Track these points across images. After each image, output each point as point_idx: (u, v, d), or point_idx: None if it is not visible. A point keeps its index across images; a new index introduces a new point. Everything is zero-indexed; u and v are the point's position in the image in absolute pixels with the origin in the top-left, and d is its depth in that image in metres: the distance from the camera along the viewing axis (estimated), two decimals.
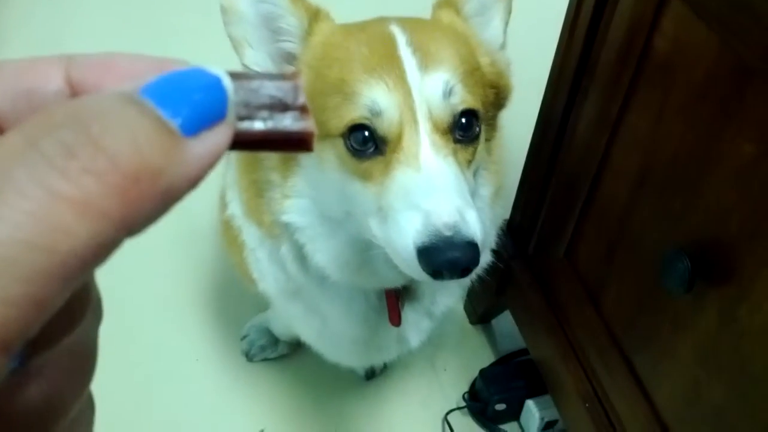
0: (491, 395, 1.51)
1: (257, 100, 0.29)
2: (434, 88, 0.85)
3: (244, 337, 1.66)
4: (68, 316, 0.29)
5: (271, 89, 0.29)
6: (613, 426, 1.21)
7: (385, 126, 0.85)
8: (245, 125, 0.29)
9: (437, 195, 0.81)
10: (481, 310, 1.69)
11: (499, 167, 1.08)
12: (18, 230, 0.22)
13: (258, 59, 0.97)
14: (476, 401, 1.56)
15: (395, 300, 1.11)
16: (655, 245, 1.04)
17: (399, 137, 0.85)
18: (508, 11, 1.01)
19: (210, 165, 0.27)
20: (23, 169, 0.22)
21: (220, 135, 0.27)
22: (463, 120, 0.87)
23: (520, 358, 1.60)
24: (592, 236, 1.22)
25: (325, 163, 0.91)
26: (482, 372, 1.57)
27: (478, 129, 0.90)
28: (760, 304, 0.86)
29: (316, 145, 0.88)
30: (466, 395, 1.58)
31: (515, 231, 1.47)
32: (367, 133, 0.85)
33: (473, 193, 0.90)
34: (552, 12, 1.31)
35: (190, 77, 0.27)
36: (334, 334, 1.21)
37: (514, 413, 1.55)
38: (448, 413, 1.56)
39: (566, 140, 1.22)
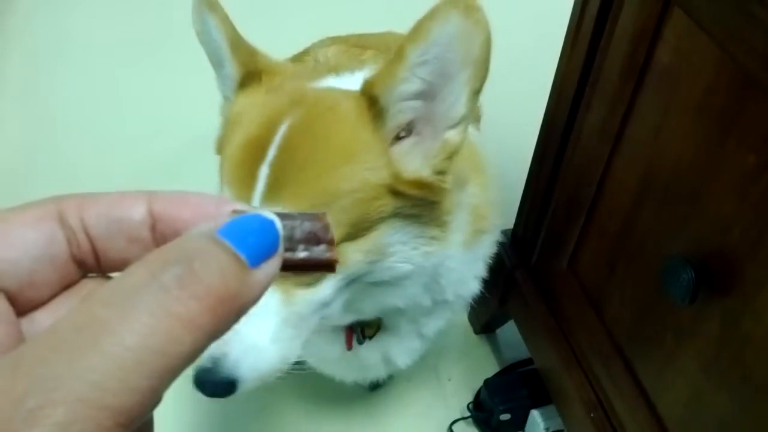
0: (496, 405, 1.51)
1: (298, 235, 0.39)
2: None
3: None
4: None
5: (308, 227, 0.39)
6: None
7: None
8: (290, 255, 0.38)
9: None
10: (484, 319, 1.69)
11: (485, 212, 1.10)
12: (146, 339, 0.30)
13: (219, 84, 1.00)
14: (481, 411, 1.56)
15: (350, 329, 1.15)
16: (658, 255, 1.04)
17: None
18: (479, 78, 0.81)
19: (267, 286, 0.35)
20: (150, 296, 0.30)
21: (274, 264, 0.35)
22: None
23: (525, 368, 1.60)
24: (595, 246, 1.22)
25: None
26: (487, 382, 1.57)
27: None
28: (763, 314, 0.86)
29: None
30: (470, 405, 1.58)
31: (518, 241, 1.47)
32: None
33: (311, 308, 0.89)
34: (554, 23, 1.32)
35: (253, 221, 0.35)
36: (317, 351, 1.23)
37: (518, 423, 1.54)
38: (452, 423, 1.56)
39: (569, 151, 1.23)
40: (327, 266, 0.39)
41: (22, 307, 0.36)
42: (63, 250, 0.37)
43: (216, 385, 0.83)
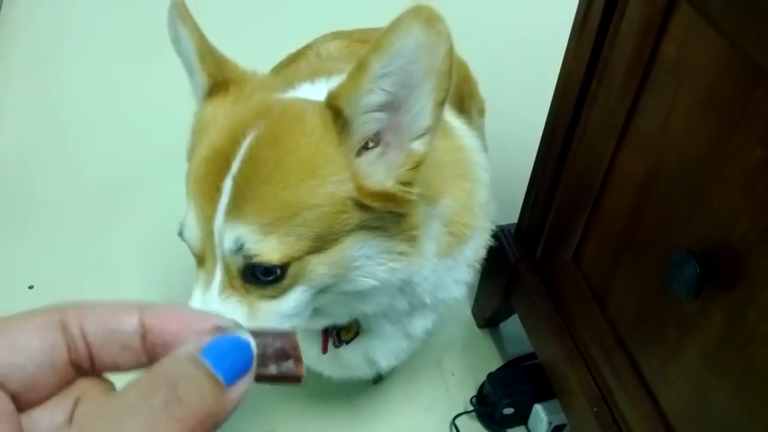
0: (499, 399, 1.51)
1: (270, 352, 0.43)
2: (228, 240, 0.84)
3: None
4: None
5: (279, 344, 0.43)
6: (620, 428, 1.20)
7: (191, 248, 0.90)
8: (261, 369, 0.43)
9: None
10: (488, 314, 1.69)
11: (463, 219, 1.06)
12: None
13: (193, 91, 1.00)
14: (484, 405, 1.56)
15: (325, 332, 1.16)
16: (662, 250, 1.04)
17: (203, 261, 0.89)
18: (443, 90, 0.80)
19: (240, 400, 0.40)
20: (141, 417, 0.35)
21: (247, 381, 0.41)
22: (261, 268, 0.85)
23: (528, 363, 1.60)
24: (600, 240, 1.22)
25: None
26: (490, 376, 1.57)
27: (282, 274, 0.86)
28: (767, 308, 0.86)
29: None
30: (473, 399, 1.58)
31: (523, 235, 1.47)
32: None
33: (277, 320, 0.89)
34: (561, 16, 1.32)
35: (232, 343, 0.41)
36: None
37: (522, 418, 1.54)
38: (455, 417, 1.56)
39: (574, 145, 1.22)
40: (295, 380, 0.44)
41: (23, 406, 0.40)
42: (63, 356, 0.41)
43: None
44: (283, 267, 0.85)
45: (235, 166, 0.83)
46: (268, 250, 0.83)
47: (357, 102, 0.82)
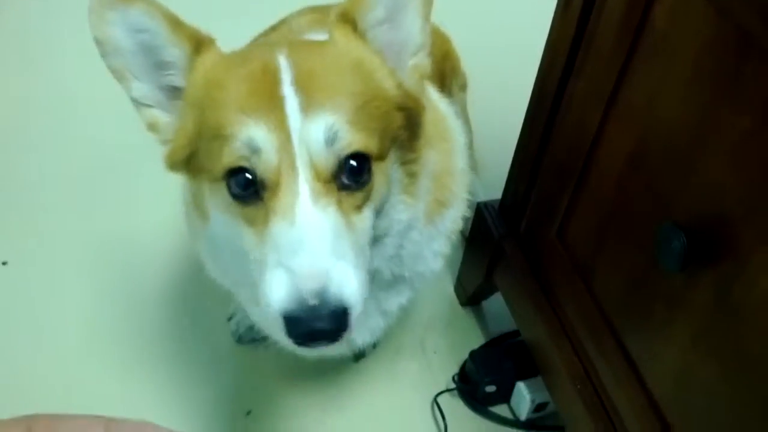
0: (481, 377, 1.50)
1: None
2: (316, 133, 0.80)
3: (231, 317, 1.64)
4: None
5: None
6: (604, 406, 1.19)
7: (263, 168, 0.81)
8: None
9: (307, 254, 0.78)
10: (471, 291, 1.67)
11: (446, 181, 1.08)
12: None
13: (145, 91, 0.92)
14: (466, 383, 1.55)
15: None
16: (649, 223, 1.02)
17: (277, 184, 0.81)
18: (428, 5, 0.91)
19: None
20: None
21: None
22: (353, 163, 0.83)
23: (511, 340, 1.58)
24: (585, 214, 1.20)
25: (216, 207, 0.90)
26: (472, 354, 1.55)
27: (368, 174, 0.85)
28: (755, 280, 0.85)
29: (210, 185, 0.86)
30: (455, 377, 1.57)
31: (507, 210, 1.45)
32: (248, 176, 0.82)
33: (365, 238, 0.87)
34: None
35: None
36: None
37: (504, 395, 1.53)
38: (437, 395, 1.54)
39: (560, 117, 1.20)
40: None
41: None
42: None
43: (331, 319, 0.77)
44: (370, 164, 0.85)
45: (286, 74, 0.83)
46: (359, 137, 0.82)
47: (366, 15, 0.90)
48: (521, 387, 1.49)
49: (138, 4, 0.85)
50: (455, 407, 1.55)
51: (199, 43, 0.90)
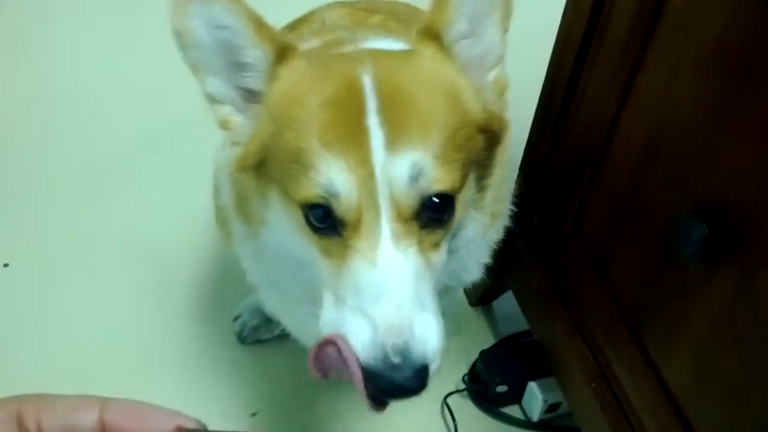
0: (492, 377, 1.47)
1: None
2: (400, 171, 0.76)
3: (237, 317, 1.62)
4: None
5: None
6: (620, 405, 1.16)
7: (343, 209, 0.77)
8: None
9: (389, 303, 0.74)
10: (481, 291, 1.64)
11: (500, 193, 1.03)
12: None
13: (221, 88, 0.87)
14: (477, 384, 1.52)
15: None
16: (667, 213, 0.99)
17: (358, 222, 0.77)
18: (508, 15, 0.86)
19: None
20: None
21: None
22: (436, 200, 0.78)
23: (523, 340, 1.55)
24: (600, 206, 1.17)
25: (289, 223, 0.85)
26: (483, 353, 1.52)
27: (451, 210, 0.81)
28: None
29: (282, 201, 0.81)
30: (466, 377, 1.54)
31: (518, 206, 1.42)
32: (325, 210, 0.78)
33: (441, 272, 0.84)
34: None
35: None
36: (304, 325, 1.17)
37: (515, 396, 1.50)
38: (447, 396, 1.51)
39: (573, 107, 1.18)
40: None
41: None
42: None
43: (414, 378, 0.73)
44: (454, 201, 0.81)
45: (372, 102, 0.78)
46: (445, 174, 0.78)
47: (450, 29, 0.84)
48: (533, 387, 1.46)
49: (222, 1, 0.80)
50: (465, 408, 1.52)
51: (282, 50, 0.84)
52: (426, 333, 0.75)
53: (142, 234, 1.81)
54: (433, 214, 0.79)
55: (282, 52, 0.84)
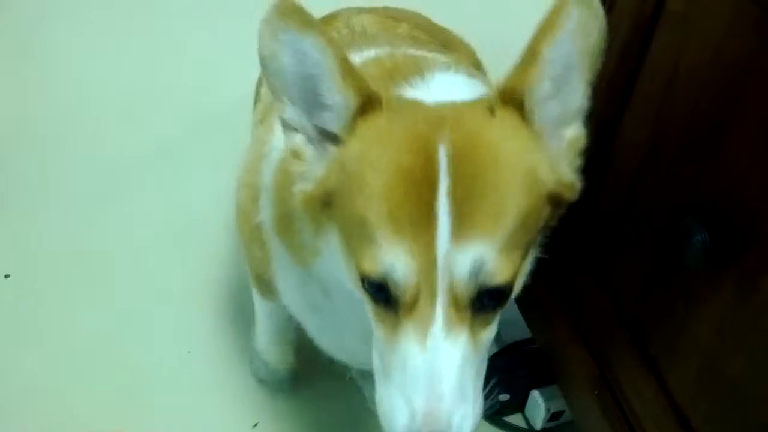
0: (494, 385, 1.45)
1: None
2: (462, 265, 0.74)
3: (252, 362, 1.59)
4: None
5: None
6: (623, 413, 1.15)
7: (400, 292, 0.76)
8: None
9: (431, 395, 0.75)
10: None
11: None
12: None
13: (297, 119, 0.84)
14: None
15: None
16: (668, 218, 0.98)
17: (413, 303, 0.76)
18: (595, 65, 0.80)
19: None
20: None
21: None
22: (493, 291, 0.77)
23: (525, 348, 1.54)
24: (601, 211, 1.16)
25: (347, 271, 0.84)
26: None
27: (508, 297, 0.80)
28: None
29: (343, 248, 0.84)
30: None
31: None
32: (382, 286, 0.77)
33: (489, 347, 0.85)
34: None
35: None
36: (348, 343, 1.18)
37: (518, 404, 1.49)
38: None
39: None
40: None
41: None
42: None
43: None
44: (512, 287, 0.79)
45: (444, 183, 0.74)
46: (506, 266, 0.75)
47: (533, 92, 0.79)
48: (536, 395, 1.45)
49: (314, 37, 0.77)
50: None
51: (367, 101, 0.80)
52: (462, 425, 0.76)
53: (146, 245, 1.80)
54: (488, 301, 0.78)
55: (366, 104, 0.80)
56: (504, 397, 1.46)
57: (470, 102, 0.84)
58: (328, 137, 0.83)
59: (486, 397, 1.44)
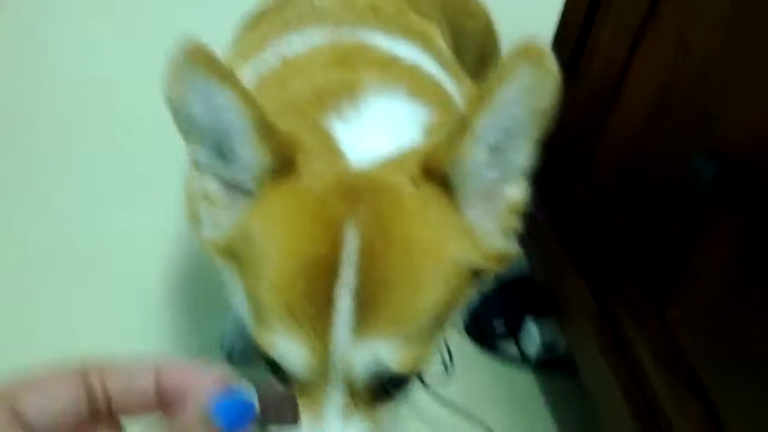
0: (490, 315, 1.50)
1: (270, 404, 0.50)
2: (360, 360, 0.70)
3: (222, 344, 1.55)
4: None
5: (276, 399, 0.50)
6: (621, 347, 1.17)
7: (294, 377, 0.72)
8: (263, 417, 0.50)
9: None
10: None
11: None
12: None
13: (208, 162, 0.77)
14: (474, 322, 1.54)
15: None
16: (680, 157, 0.99)
17: (309, 387, 0.72)
18: (543, 128, 0.71)
19: None
20: None
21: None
22: (394, 380, 0.73)
23: (520, 277, 1.54)
24: (610, 154, 1.18)
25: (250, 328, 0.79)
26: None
27: (410, 385, 0.76)
28: None
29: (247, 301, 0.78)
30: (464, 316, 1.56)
31: None
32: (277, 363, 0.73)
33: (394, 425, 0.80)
34: None
35: (241, 405, 0.49)
36: None
37: (513, 333, 1.53)
38: None
39: (584, 58, 1.18)
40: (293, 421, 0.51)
41: None
42: (85, 406, 0.49)
43: None
44: (417, 371, 0.75)
45: (348, 274, 0.69)
46: (410, 359, 0.71)
47: (463, 164, 0.72)
48: (531, 324, 1.49)
49: (229, 91, 0.69)
50: (464, 346, 1.55)
51: (283, 164, 0.74)
52: None
53: (147, 250, 1.75)
54: (390, 387, 0.74)
55: (281, 167, 0.74)
56: (499, 324, 1.50)
57: (395, 166, 0.76)
58: (241, 188, 0.78)
59: (483, 328, 1.49)
